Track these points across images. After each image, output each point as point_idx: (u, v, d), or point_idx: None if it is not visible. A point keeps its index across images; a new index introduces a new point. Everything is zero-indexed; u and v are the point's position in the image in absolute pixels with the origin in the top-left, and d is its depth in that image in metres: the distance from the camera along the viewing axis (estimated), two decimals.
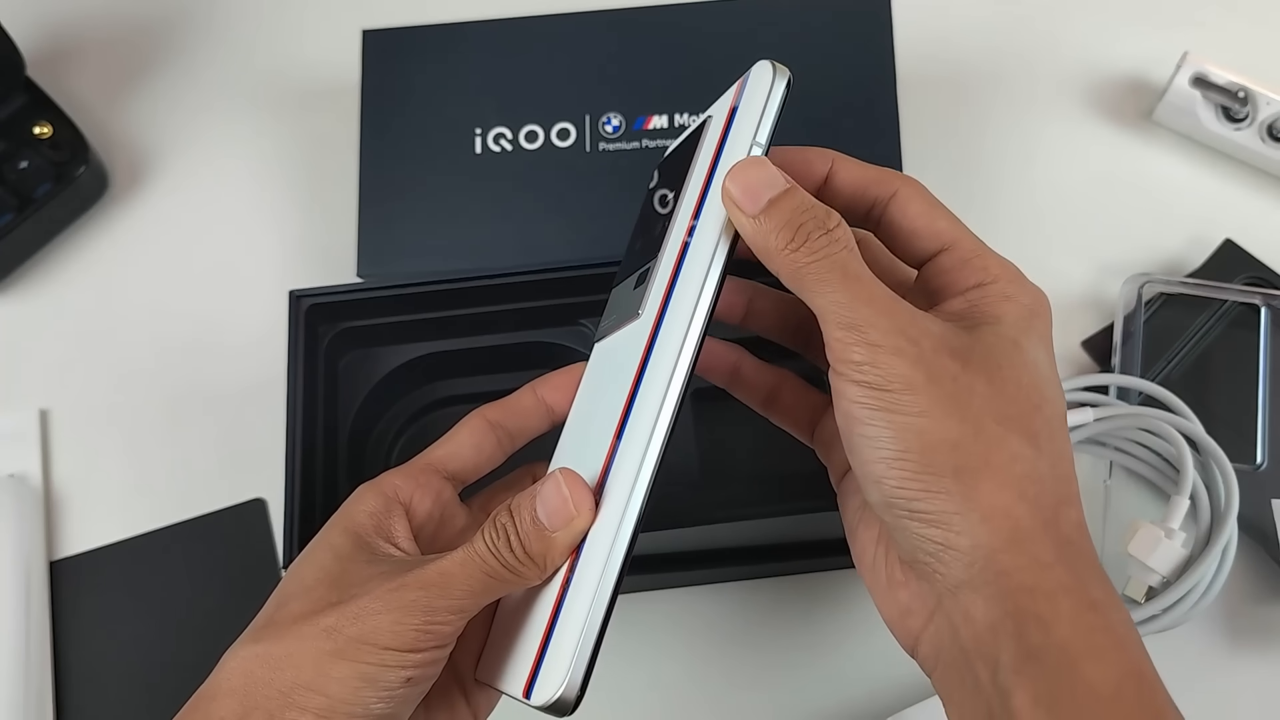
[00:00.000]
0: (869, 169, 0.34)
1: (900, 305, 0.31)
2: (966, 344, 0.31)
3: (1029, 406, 0.30)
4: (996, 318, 0.32)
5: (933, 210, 0.33)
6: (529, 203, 0.55)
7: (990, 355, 0.30)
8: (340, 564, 0.33)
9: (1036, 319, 0.32)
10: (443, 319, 0.49)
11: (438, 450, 0.37)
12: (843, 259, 0.30)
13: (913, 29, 0.59)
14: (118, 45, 0.65)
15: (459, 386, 0.51)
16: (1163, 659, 0.49)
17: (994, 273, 0.32)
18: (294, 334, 0.47)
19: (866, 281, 0.30)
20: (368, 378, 0.49)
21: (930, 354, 0.30)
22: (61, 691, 0.50)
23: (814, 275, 0.30)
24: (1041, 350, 0.32)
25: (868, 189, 0.34)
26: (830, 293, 0.30)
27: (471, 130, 0.56)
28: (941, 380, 0.29)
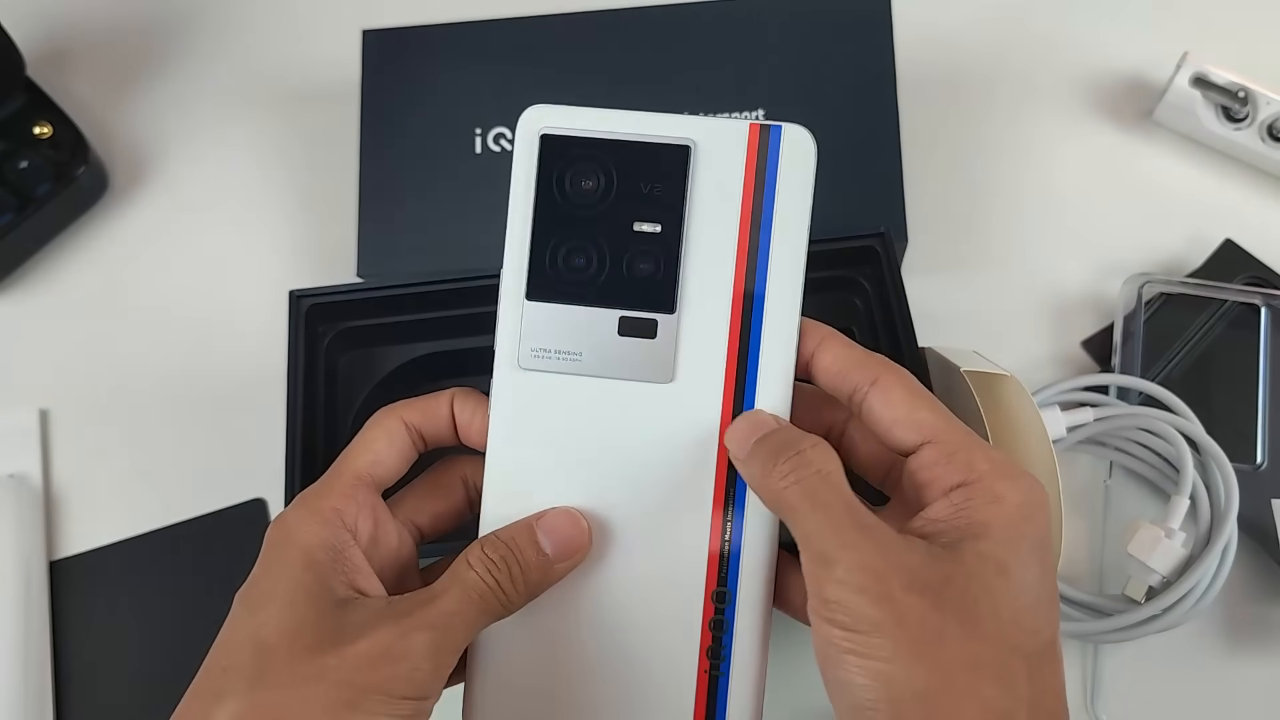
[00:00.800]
0: (853, 352, 0.33)
1: (872, 536, 0.29)
2: (944, 574, 0.29)
3: (1007, 648, 0.28)
4: (982, 527, 0.30)
5: (914, 399, 0.32)
6: None
7: (968, 588, 0.29)
8: (316, 606, 0.31)
9: (1028, 522, 0.30)
10: (443, 319, 0.49)
11: (361, 458, 0.35)
12: (812, 484, 0.30)
13: (912, 29, 0.59)
14: (118, 45, 0.65)
15: (459, 386, 0.51)
16: (1163, 659, 0.49)
17: (979, 469, 0.30)
18: (294, 334, 0.47)
19: (837, 510, 0.29)
20: (368, 377, 0.49)
21: (900, 593, 0.28)
22: (61, 691, 0.50)
23: (787, 502, 0.30)
24: (1032, 563, 0.30)
25: (849, 373, 0.33)
26: (803, 521, 0.29)
27: (471, 130, 0.56)
28: (910, 623, 0.28)
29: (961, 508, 0.30)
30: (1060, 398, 0.52)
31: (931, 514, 0.30)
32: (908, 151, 0.55)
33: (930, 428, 0.31)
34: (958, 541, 0.29)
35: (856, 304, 0.51)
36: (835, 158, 0.54)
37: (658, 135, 0.31)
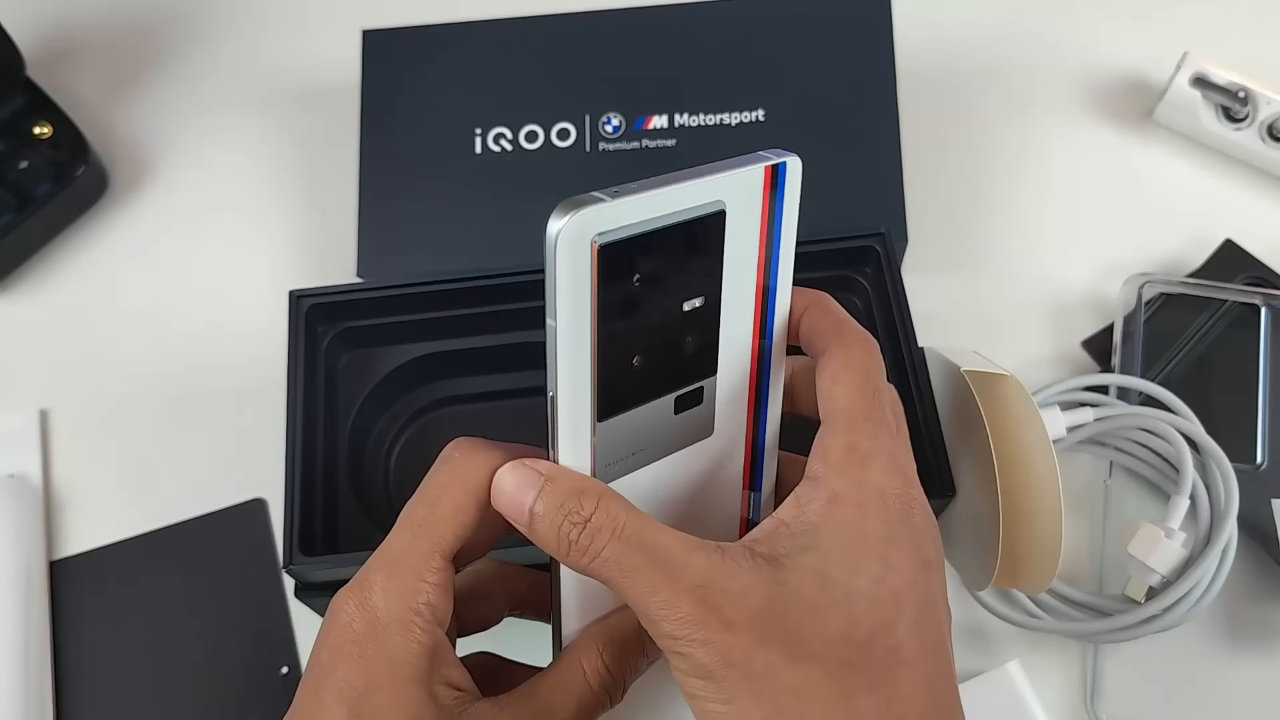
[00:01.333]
0: (825, 319, 0.32)
1: (686, 580, 0.28)
2: (765, 598, 0.28)
3: (836, 666, 0.28)
4: (810, 537, 0.29)
5: (842, 374, 0.31)
6: (529, 203, 0.55)
7: (788, 610, 0.28)
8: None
9: (867, 519, 0.29)
10: (443, 319, 0.49)
11: (450, 529, 0.31)
12: (612, 554, 0.28)
13: (913, 29, 0.59)
14: (118, 45, 0.65)
15: (459, 386, 0.51)
16: (1163, 659, 0.49)
17: (831, 458, 0.30)
18: (294, 334, 0.47)
19: (644, 570, 0.28)
20: (368, 378, 0.49)
21: (723, 634, 0.27)
22: (61, 691, 0.50)
23: (596, 577, 0.29)
24: (867, 566, 0.28)
25: (813, 339, 0.32)
26: (619, 590, 0.29)
27: (471, 130, 0.56)
28: (738, 662, 0.27)
29: (802, 508, 0.29)
30: (1060, 398, 0.52)
31: (780, 514, 0.30)
32: (908, 151, 0.55)
33: (832, 405, 0.31)
34: (783, 556, 0.29)
35: (856, 304, 0.51)
36: (835, 157, 0.54)
37: (695, 206, 0.29)
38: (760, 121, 0.55)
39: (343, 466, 0.47)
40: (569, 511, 0.29)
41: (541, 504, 0.29)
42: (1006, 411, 0.42)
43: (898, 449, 0.30)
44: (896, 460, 0.30)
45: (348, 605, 0.31)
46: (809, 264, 0.48)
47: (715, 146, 0.55)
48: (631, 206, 0.27)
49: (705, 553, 0.29)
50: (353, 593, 0.31)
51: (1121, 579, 0.48)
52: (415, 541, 0.31)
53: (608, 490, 0.30)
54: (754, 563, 0.28)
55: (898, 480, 0.30)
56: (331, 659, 0.31)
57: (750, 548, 0.29)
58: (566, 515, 0.29)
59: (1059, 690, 0.49)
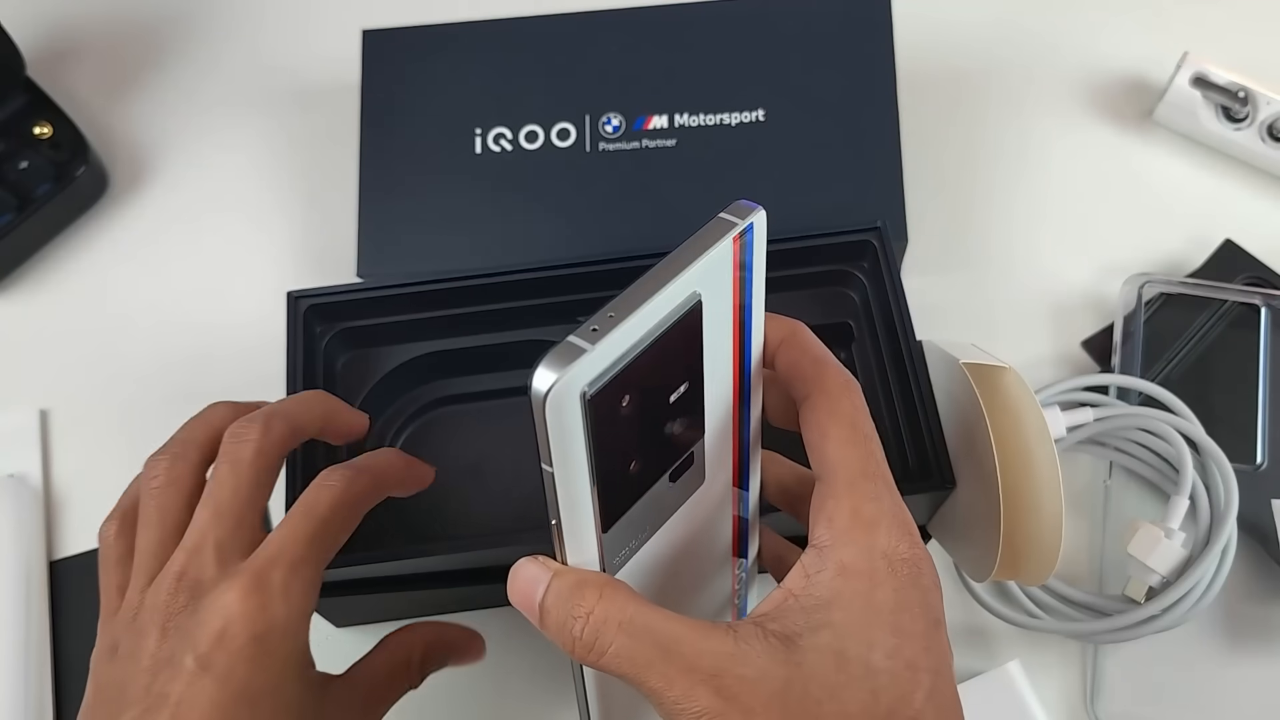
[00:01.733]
0: (804, 358, 0.31)
1: (699, 669, 0.27)
2: (783, 680, 0.27)
3: None
4: (823, 613, 0.28)
5: (828, 426, 0.30)
6: (529, 203, 0.55)
7: (808, 691, 0.27)
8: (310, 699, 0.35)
9: (878, 589, 0.28)
10: (441, 318, 0.49)
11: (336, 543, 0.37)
12: (622, 648, 0.28)
13: (913, 29, 0.59)
14: (118, 45, 0.65)
15: (458, 386, 0.51)
16: (1163, 659, 0.49)
17: (837, 525, 0.29)
18: (293, 334, 0.47)
19: (655, 662, 0.28)
20: (366, 377, 0.49)
21: (739, 716, 0.27)
22: (61, 692, 0.50)
23: (614, 671, 0.28)
24: (882, 637, 0.28)
25: (793, 382, 0.31)
26: (635, 684, 0.28)
27: (471, 130, 0.56)
28: None
29: (810, 579, 0.29)
30: (1060, 398, 0.52)
31: (789, 586, 0.29)
32: (908, 152, 0.55)
33: (827, 464, 0.30)
34: (796, 635, 0.28)
35: (853, 298, 0.51)
36: (835, 157, 0.54)
37: (672, 308, 0.27)
38: (760, 121, 0.55)
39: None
40: (572, 606, 0.28)
41: (549, 599, 0.29)
42: (1005, 404, 0.42)
43: (899, 508, 0.30)
44: (901, 521, 0.29)
45: (248, 603, 0.32)
46: (805, 260, 0.49)
47: (715, 147, 0.55)
48: (614, 344, 0.26)
49: (717, 638, 0.28)
50: (254, 594, 0.32)
51: (1121, 579, 0.48)
52: (314, 549, 0.34)
53: (611, 582, 0.29)
54: (767, 644, 0.28)
55: (905, 544, 0.29)
56: (227, 660, 0.32)
57: (761, 625, 0.28)
58: (570, 611, 0.28)
59: (1059, 690, 0.49)
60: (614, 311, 0.26)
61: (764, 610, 0.29)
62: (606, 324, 0.26)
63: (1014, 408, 0.42)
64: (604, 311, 0.26)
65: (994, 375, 0.42)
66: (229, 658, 0.31)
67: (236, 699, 0.31)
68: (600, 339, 0.26)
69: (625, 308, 0.26)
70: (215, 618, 0.32)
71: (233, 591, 0.32)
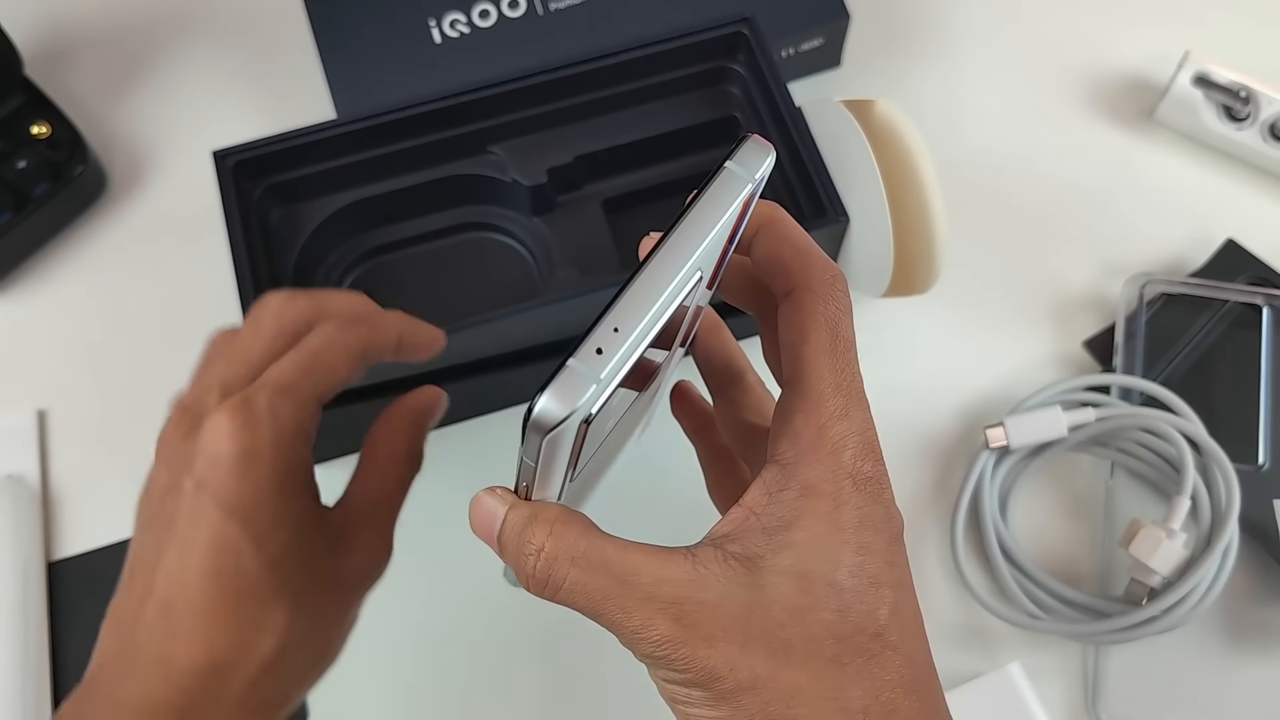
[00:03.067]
0: (786, 247, 0.29)
1: (657, 598, 0.27)
2: (744, 604, 0.27)
3: (825, 664, 0.27)
4: (784, 535, 0.28)
5: (809, 328, 0.29)
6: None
7: (769, 613, 0.27)
8: (312, 525, 0.36)
9: (842, 508, 0.28)
10: (365, 161, 0.52)
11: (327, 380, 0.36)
12: (576, 582, 0.27)
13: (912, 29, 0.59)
14: (116, 44, 0.65)
15: (391, 233, 0.54)
16: (1164, 660, 0.49)
17: (802, 440, 0.28)
18: (225, 194, 0.49)
19: (612, 594, 0.27)
20: (300, 232, 0.52)
21: (703, 648, 0.27)
22: (60, 693, 0.50)
23: (571, 605, 0.28)
24: (845, 554, 0.27)
25: (774, 273, 0.30)
26: (594, 617, 0.28)
27: (426, 22, 0.58)
28: (723, 675, 0.27)
29: (772, 498, 0.28)
30: (1062, 397, 0.52)
31: (748, 503, 0.28)
32: None
33: (798, 369, 0.29)
34: (758, 556, 0.27)
35: (735, 93, 0.54)
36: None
37: (677, 302, 0.25)
38: None
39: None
40: (523, 544, 0.28)
41: (504, 534, 0.29)
42: (882, 132, 0.48)
43: (867, 424, 0.29)
44: (867, 440, 0.29)
45: (234, 422, 0.33)
46: (680, 62, 0.53)
47: None
48: (619, 362, 0.24)
49: (675, 564, 0.27)
50: (240, 413, 0.33)
51: (1123, 580, 0.48)
52: (304, 376, 0.35)
53: (563, 516, 0.28)
54: (727, 566, 0.27)
55: (869, 462, 0.28)
56: (217, 477, 0.33)
57: (720, 547, 0.28)
58: (522, 548, 0.28)
59: (1060, 692, 0.48)
60: (618, 324, 0.24)
61: (724, 531, 0.28)
62: (611, 343, 0.24)
63: (890, 133, 0.48)
64: (606, 323, 0.24)
65: (868, 108, 0.48)
66: (219, 474, 0.33)
67: (230, 513, 0.33)
68: (607, 364, 0.24)
69: (630, 319, 0.24)
70: (206, 440, 0.33)
71: (221, 414, 0.33)
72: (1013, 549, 0.50)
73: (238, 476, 0.33)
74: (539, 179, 0.52)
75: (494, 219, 0.54)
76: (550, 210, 0.54)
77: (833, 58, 0.61)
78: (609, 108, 0.53)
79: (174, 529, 0.33)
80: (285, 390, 0.34)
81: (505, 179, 0.52)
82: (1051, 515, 0.52)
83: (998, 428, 0.50)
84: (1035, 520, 0.52)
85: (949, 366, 0.55)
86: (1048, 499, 0.52)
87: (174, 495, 0.34)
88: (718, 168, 0.26)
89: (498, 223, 0.54)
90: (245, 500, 0.33)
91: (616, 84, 0.53)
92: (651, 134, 0.53)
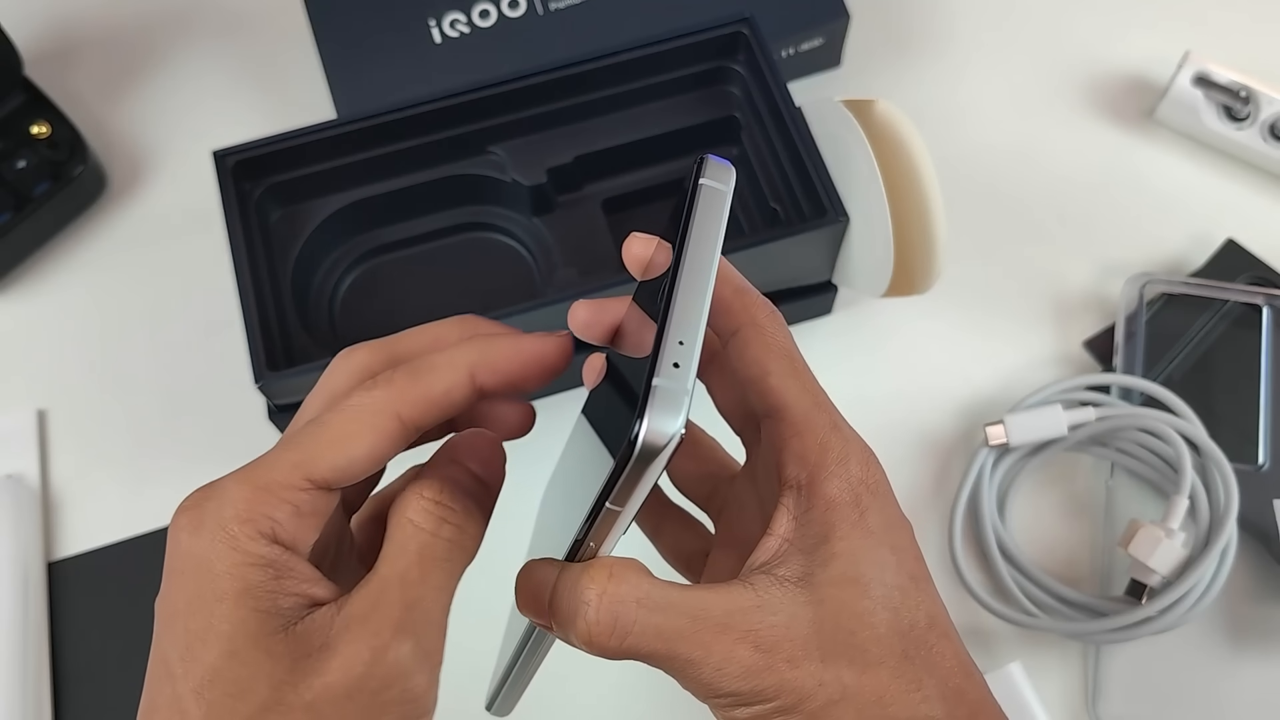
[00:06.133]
0: (726, 287, 0.29)
1: (734, 624, 0.27)
2: (812, 621, 0.27)
3: (898, 660, 0.28)
4: (826, 549, 0.28)
5: (767, 361, 0.29)
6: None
7: (839, 623, 0.27)
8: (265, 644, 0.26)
9: (867, 513, 0.28)
10: (363, 162, 0.52)
11: (326, 456, 0.27)
12: (648, 624, 0.26)
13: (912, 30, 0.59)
14: (116, 44, 0.65)
15: (390, 234, 0.54)
16: (1164, 660, 0.49)
17: (810, 460, 0.28)
18: (225, 194, 0.49)
19: (686, 632, 0.26)
20: (300, 232, 0.52)
21: (788, 670, 0.27)
22: (60, 693, 0.50)
23: (640, 653, 0.27)
24: (884, 553, 0.28)
25: (717, 315, 0.29)
26: (667, 662, 0.27)
27: (426, 22, 0.58)
28: (812, 693, 0.27)
29: (800, 522, 0.28)
30: (1062, 397, 0.52)
31: (777, 532, 0.29)
32: None
33: (774, 400, 0.29)
34: (808, 575, 0.28)
35: (735, 93, 0.54)
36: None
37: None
38: None
39: (292, 318, 0.50)
40: (580, 591, 0.27)
41: (558, 591, 0.27)
42: (882, 131, 0.47)
43: (855, 432, 0.30)
44: (861, 447, 0.29)
45: (181, 516, 0.27)
46: (679, 61, 0.53)
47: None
48: (692, 370, 0.25)
49: (737, 594, 0.27)
50: (192, 497, 0.27)
51: (1122, 579, 0.48)
52: (281, 454, 0.27)
53: (619, 560, 0.27)
54: (785, 589, 0.28)
55: (872, 467, 0.29)
56: (166, 576, 0.28)
57: (769, 573, 0.28)
58: (579, 597, 0.27)
59: (1060, 691, 0.48)
60: (682, 337, 0.25)
61: (763, 560, 0.28)
62: (683, 356, 0.25)
63: (890, 132, 0.48)
64: (669, 339, 0.25)
65: (868, 108, 0.48)
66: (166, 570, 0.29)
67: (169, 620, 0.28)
68: (687, 375, 0.24)
69: (690, 330, 0.25)
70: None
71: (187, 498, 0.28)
72: (1011, 548, 0.50)
73: (173, 574, 0.28)
74: (539, 179, 0.52)
75: (494, 219, 0.54)
76: (550, 210, 0.54)
77: (833, 58, 0.61)
78: (609, 108, 0.53)
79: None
80: (247, 476, 0.27)
81: (505, 179, 0.52)
82: (1051, 515, 0.52)
83: (997, 425, 0.50)
84: (1034, 519, 0.52)
85: (948, 366, 0.55)
86: (1047, 498, 0.52)
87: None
88: (694, 187, 0.27)
89: (498, 223, 0.54)
90: (172, 605, 0.28)
91: (616, 84, 0.53)
92: (651, 134, 0.53)
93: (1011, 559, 0.50)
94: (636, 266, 0.29)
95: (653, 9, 0.58)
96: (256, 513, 0.26)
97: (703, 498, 0.35)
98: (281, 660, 0.25)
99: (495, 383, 0.28)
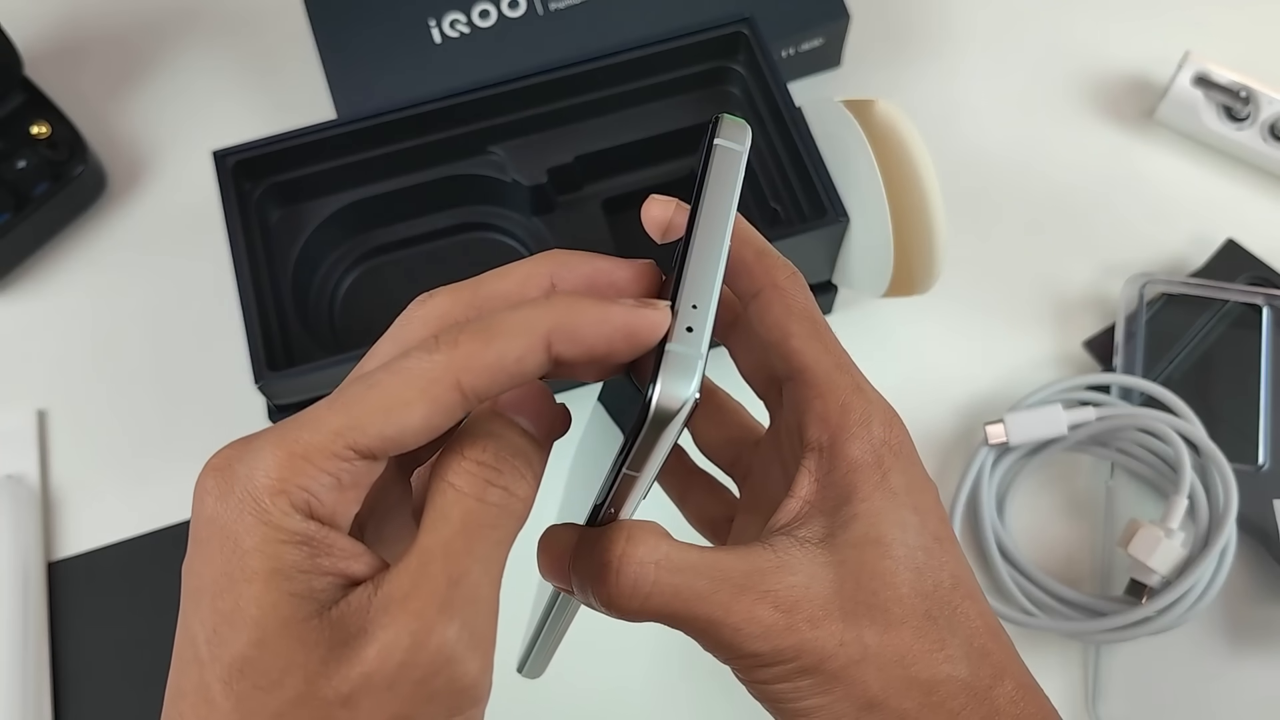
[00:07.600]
0: (746, 248, 0.29)
1: (754, 584, 0.27)
2: (834, 582, 0.27)
3: (921, 621, 0.28)
4: (848, 509, 0.28)
5: (789, 323, 0.29)
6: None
7: (861, 583, 0.27)
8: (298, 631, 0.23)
9: (890, 474, 0.28)
10: (363, 162, 0.52)
11: (374, 423, 0.23)
12: (667, 585, 0.26)
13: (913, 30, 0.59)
14: (116, 44, 0.65)
15: (390, 234, 0.54)
16: (1163, 660, 0.49)
17: (832, 423, 0.28)
18: (225, 194, 0.49)
19: (705, 593, 0.26)
20: (299, 232, 0.52)
21: (809, 629, 0.27)
22: (60, 693, 0.50)
23: (661, 615, 0.27)
24: (907, 514, 0.28)
25: (736, 276, 0.29)
26: (688, 624, 0.27)
27: (426, 22, 0.58)
28: (834, 652, 0.27)
29: (823, 483, 0.28)
30: (1062, 396, 0.52)
31: (800, 494, 0.28)
32: None
33: (798, 359, 0.29)
34: (829, 536, 0.28)
35: (735, 93, 0.54)
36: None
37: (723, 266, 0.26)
38: None
39: (292, 318, 0.50)
40: (599, 554, 0.26)
41: (577, 556, 0.27)
42: (883, 131, 0.48)
43: (877, 393, 0.30)
44: (884, 407, 0.29)
45: (208, 478, 0.25)
46: (678, 61, 0.53)
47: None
48: (706, 334, 0.24)
49: (756, 555, 0.27)
50: (221, 455, 0.25)
51: (1121, 579, 0.48)
52: (324, 415, 0.24)
53: (637, 522, 0.27)
54: (805, 549, 0.28)
55: (895, 428, 0.29)
56: (191, 543, 0.25)
57: (790, 534, 0.28)
58: (598, 559, 0.26)
59: (1059, 691, 0.48)
60: (695, 300, 0.25)
61: (784, 521, 0.28)
62: (696, 320, 0.24)
63: (890, 132, 0.48)
64: (685, 301, 0.24)
65: (868, 109, 0.49)
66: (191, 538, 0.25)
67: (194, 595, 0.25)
68: (701, 340, 0.24)
69: (703, 293, 0.25)
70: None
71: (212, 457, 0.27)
72: (1010, 547, 0.50)
73: (198, 543, 0.25)
74: (539, 179, 0.52)
75: (494, 219, 0.54)
76: (550, 210, 0.54)
77: (833, 58, 0.61)
78: (609, 108, 0.53)
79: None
80: (283, 439, 0.25)
81: (505, 179, 0.52)
82: (1050, 514, 0.52)
83: (997, 424, 0.50)
84: (1033, 519, 0.52)
85: (949, 366, 0.55)
86: (1046, 498, 0.52)
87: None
88: (709, 147, 0.27)
89: (498, 223, 0.54)
90: (199, 579, 0.25)
91: (616, 84, 0.53)
92: (651, 134, 0.53)
93: (1011, 558, 0.50)
94: (657, 229, 0.29)
95: (653, 9, 0.58)
96: (291, 484, 0.23)
97: (728, 462, 0.34)
98: (315, 649, 0.23)
99: (574, 354, 0.25)
